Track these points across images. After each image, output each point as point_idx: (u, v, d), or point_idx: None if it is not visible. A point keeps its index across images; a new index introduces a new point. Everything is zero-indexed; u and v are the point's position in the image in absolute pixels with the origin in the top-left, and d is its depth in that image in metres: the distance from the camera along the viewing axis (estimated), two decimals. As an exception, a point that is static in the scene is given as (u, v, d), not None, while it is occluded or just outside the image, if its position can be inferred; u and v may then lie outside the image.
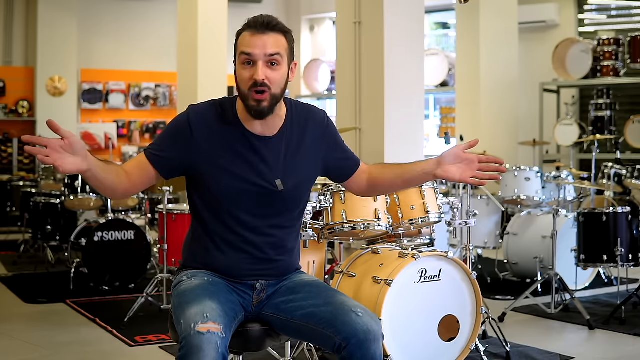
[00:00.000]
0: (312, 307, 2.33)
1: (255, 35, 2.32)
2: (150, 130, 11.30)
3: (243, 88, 2.34)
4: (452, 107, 10.16)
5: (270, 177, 2.40)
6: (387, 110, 5.28)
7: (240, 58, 2.34)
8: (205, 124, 2.39)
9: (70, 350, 4.25)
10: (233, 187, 2.37)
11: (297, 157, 2.46)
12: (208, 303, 2.21)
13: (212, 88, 8.08)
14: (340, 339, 2.23)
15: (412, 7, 5.42)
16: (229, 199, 2.38)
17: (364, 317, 2.25)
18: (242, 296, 2.42)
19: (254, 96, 2.31)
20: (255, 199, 2.39)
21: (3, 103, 10.50)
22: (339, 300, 2.33)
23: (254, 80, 2.31)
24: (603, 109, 8.92)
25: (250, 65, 2.32)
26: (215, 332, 2.12)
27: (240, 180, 2.37)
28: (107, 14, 11.21)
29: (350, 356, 2.22)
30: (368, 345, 2.22)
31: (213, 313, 2.17)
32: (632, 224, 5.02)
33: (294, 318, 2.36)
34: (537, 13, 9.98)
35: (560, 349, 4.21)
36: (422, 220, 3.68)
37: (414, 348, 3.47)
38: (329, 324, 2.26)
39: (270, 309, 2.43)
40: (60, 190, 6.68)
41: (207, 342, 2.09)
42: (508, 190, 6.22)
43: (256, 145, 2.39)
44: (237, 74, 2.36)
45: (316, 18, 11.96)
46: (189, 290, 2.31)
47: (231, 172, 2.37)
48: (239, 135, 2.39)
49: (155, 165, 2.39)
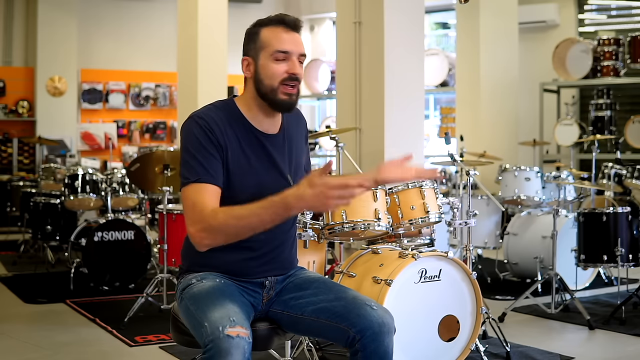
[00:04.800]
0: (323, 302, 2.35)
1: (289, 33, 2.40)
2: (150, 130, 11.30)
3: (272, 82, 2.36)
4: (452, 107, 10.16)
5: (284, 173, 2.44)
6: (387, 110, 5.28)
7: (273, 54, 2.36)
8: (217, 126, 2.35)
9: (70, 350, 4.25)
10: (254, 186, 2.37)
11: (297, 152, 2.52)
12: (230, 306, 2.21)
13: (212, 88, 8.08)
14: (355, 331, 2.26)
15: (412, 7, 5.42)
16: (249, 197, 2.32)
17: (379, 310, 2.30)
18: (253, 295, 2.42)
19: (285, 89, 2.36)
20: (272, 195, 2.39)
21: (3, 103, 10.50)
22: (350, 295, 2.36)
23: (289, 74, 2.35)
24: (603, 109, 8.92)
25: (284, 60, 2.36)
26: (244, 337, 2.11)
27: (262, 178, 2.39)
28: (107, 14, 11.21)
29: (363, 348, 2.25)
30: (382, 338, 2.26)
31: (238, 317, 2.16)
32: (632, 224, 5.02)
33: (304, 314, 2.38)
34: (537, 13, 9.98)
35: (560, 349, 4.21)
36: (422, 220, 3.68)
37: (414, 348, 3.47)
38: (343, 317, 2.29)
39: (279, 306, 2.44)
40: (60, 190, 6.67)
41: (235, 346, 2.08)
42: (508, 190, 6.22)
43: (266, 143, 2.43)
44: (267, 68, 2.36)
45: (316, 18, 11.96)
46: (204, 293, 2.29)
47: (253, 171, 2.38)
48: (250, 134, 2.41)
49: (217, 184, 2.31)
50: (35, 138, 8.14)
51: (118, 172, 6.16)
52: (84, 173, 6.02)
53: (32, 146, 10.42)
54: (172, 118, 11.33)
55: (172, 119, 11.34)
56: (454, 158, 4.48)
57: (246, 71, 2.42)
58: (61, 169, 7.69)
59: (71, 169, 6.49)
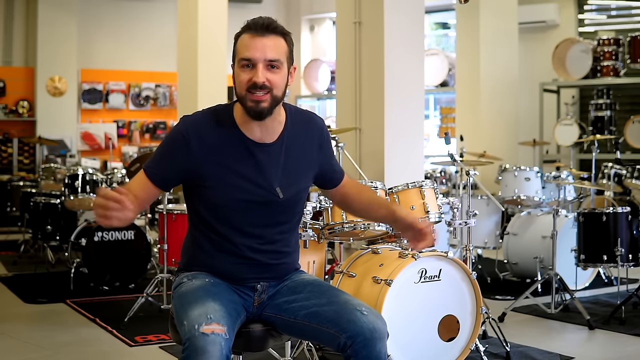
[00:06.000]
0: (315, 306, 2.33)
1: (255, 38, 2.30)
2: (150, 130, 11.30)
3: (240, 91, 2.32)
4: (452, 107, 10.16)
5: (270, 185, 2.38)
6: (387, 110, 5.28)
7: (240, 61, 2.31)
8: (200, 134, 2.34)
9: (70, 350, 4.25)
10: (233, 196, 2.35)
11: (296, 163, 2.44)
12: (210, 304, 2.21)
13: (212, 88, 8.08)
14: (345, 337, 2.24)
15: (412, 7, 5.42)
16: (229, 207, 2.36)
17: (369, 316, 2.26)
18: (243, 297, 2.41)
19: (251, 97, 2.29)
20: (256, 207, 2.38)
21: (3, 103, 10.50)
22: (342, 299, 2.33)
23: (252, 82, 2.28)
24: (603, 109, 8.92)
25: (249, 67, 2.30)
26: (220, 334, 2.11)
27: (241, 189, 2.35)
28: (107, 14, 11.20)
29: (355, 354, 2.23)
30: (374, 344, 2.23)
31: (216, 314, 2.16)
32: (632, 224, 5.02)
33: (296, 318, 2.36)
34: (537, 13, 9.98)
35: (560, 349, 4.21)
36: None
37: (414, 348, 3.47)
38: (334, 322, 2.27)
39: (272, 310, 2.43)
40: (60, 190, 6.67)
41: (211, 343, 2.08)
42: (508, 190, 6.22)
43: (255, 152, 2.37)
44: (236, 76, 2.33)
45: (316, 18, 11.96)
46: (190, 292, 2.31)
47: (230, 181, 2.35)
48: (237, 142, 2.37)
49: (155, 183, 2.36)
50: (35, 138, 8.14)
51: (118, 172, 6.17)
52: (84, 173, 6.02)
53: (32, 146, 10.42)
54: (172, 118, 11.32)
55: (172, 119, 11.33)
56: (454, 158, 4.48)
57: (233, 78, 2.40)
58: (61, 169, 7.69)
59: (71, 169, 6.48)
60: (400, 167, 5.25)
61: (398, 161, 5.25)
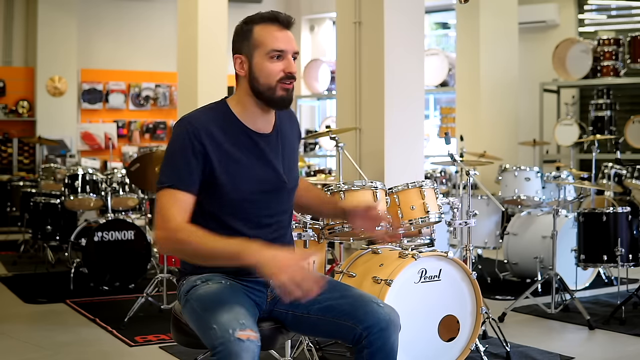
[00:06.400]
0: (328, 300, 2.36)
1: (283, 31, 2.39)
2: (150, 131, 11.30)
3: (269, 81, 2.35)
4: (452, 107, 10.16)
5: (278, 172, 2.44)
6: (387, 110, 5.28)
7: (269, 52, 2.35)
8: (208, 132, 2.33)
9: (70, 350, 4.25)
10: (249, 189, 2.37)
11: (290, 151, 2.54)
12: (237, 308, 2.20)
13: (212, 88, 8.07)
14: (362, 328, 2.28)
15: (412, 7, 5.42)
16: (246, 200, 2.37)
17: (386, 308, 2.33)
18: (257, 295, 2.42)
19: (283, 86, 2.36)
20: (269, 196, 2.42)
21: (3, 103, 10.50)
22: (355, 293, 2.39)
23: (286, 73, 2.36)
24: (603, 109, 8.92)
25: (279, 59, 2.36)
26: (254, 340, 2.11)
27: (255, 180, 2.38)
28: (107, 14, 11.21)
29: (370, 345, 2.27)
30: (389, 334, 2.28)
31: (248, 320, 2.16)
32: (632, 224, 5.01)
33: (310, 313, 2.38)
34: (537, 13, 9.98)
35: (560, 349, 4.21)
36: (422, 220, 3.68)
37: (414, 348, 3.47)
38: (350, 315, 2.31)
39: (284, 306, 2.43)
40: (60, 190, 6.67)
41: (246, 349, 2.08)
42: (508, 190, 6.22)
43: (260, 143, 2.42)
44: (263, 66, 2.35)
45: (316, 18, 11.96)
46: (211, 295, 2.29)
47: (244, 174, 2.36)
48: (243, 134, 2.40)
49: (193, 193, 2.31)
50: (35, 138, 8.15)
51: (118, 172, 6.15)
52: (84, 173, 6.02)
53: (32, 146, 10.42)
54: (172, 118, 11.32)
55: (172, 119, 11.33)
56: (454, 158, 4.48)
57: (240, 69, 2.40)
58: (61, 169, 7.69)
59: (71, 169, 6.49)
60: (400, 167, 5.24)
61: (398, 161, 5.25)
